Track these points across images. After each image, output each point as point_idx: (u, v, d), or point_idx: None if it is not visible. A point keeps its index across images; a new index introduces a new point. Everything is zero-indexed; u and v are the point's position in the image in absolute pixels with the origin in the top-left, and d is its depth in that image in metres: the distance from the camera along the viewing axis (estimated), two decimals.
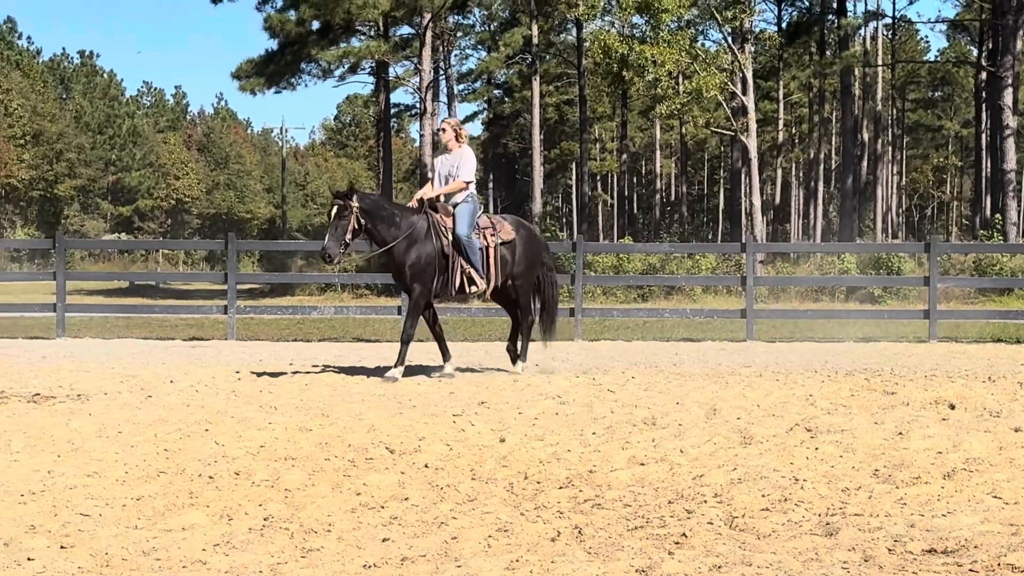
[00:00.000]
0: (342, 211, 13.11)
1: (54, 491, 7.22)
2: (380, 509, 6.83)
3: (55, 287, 20.94)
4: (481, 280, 13.47)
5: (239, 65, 51.00)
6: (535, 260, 14.27)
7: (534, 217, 55.65)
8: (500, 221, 14.02)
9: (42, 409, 10.68)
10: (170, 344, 19.45)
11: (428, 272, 13.22)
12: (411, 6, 45.86)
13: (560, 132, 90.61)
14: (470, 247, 13.31)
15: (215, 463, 8.11)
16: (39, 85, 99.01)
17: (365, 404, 11.07)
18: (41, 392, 11.92)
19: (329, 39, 49.53)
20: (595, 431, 9.49)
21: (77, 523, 6.42)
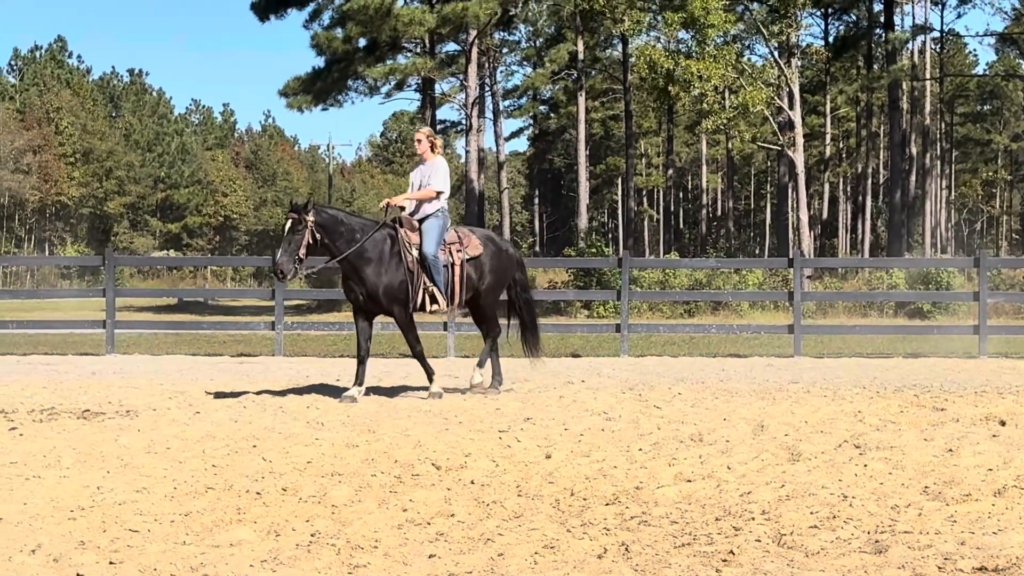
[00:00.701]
0: (296, 225, 12.61)
1: (103, 507, 7.26)
2: (426, 525, 6.83)
3: (105, 304, 21.07)
4: (443, 299, 13.11)
5: (286, 83, 51.32)
6: (503, 276, 13.92)
7: (580, 232, 55.61)
8: (468, 236, 13.59)
9: (92, 425, 10.76)
10: (218, 360, 19.54)
11: (403, 291, 12.91)
12: (457, 23, 45.98)
13: (606, 147, 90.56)
14: (435, 266, 12.93)
15: (262, 479, 8.14)
16: (89, 103, 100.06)
17: (411, 420, 11.09)
18: (91, 408, 12.02)
19: (376, 56, 49.73)
20: (641, 447, 9.46)
21: (126, 539, 6.45)
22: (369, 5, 44.20)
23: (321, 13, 51.37)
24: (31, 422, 10.92)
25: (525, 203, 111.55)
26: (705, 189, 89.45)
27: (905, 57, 60.57)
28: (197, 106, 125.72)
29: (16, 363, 18.48)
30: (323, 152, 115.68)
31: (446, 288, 13.11)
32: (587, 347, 22.24)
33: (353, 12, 45.15)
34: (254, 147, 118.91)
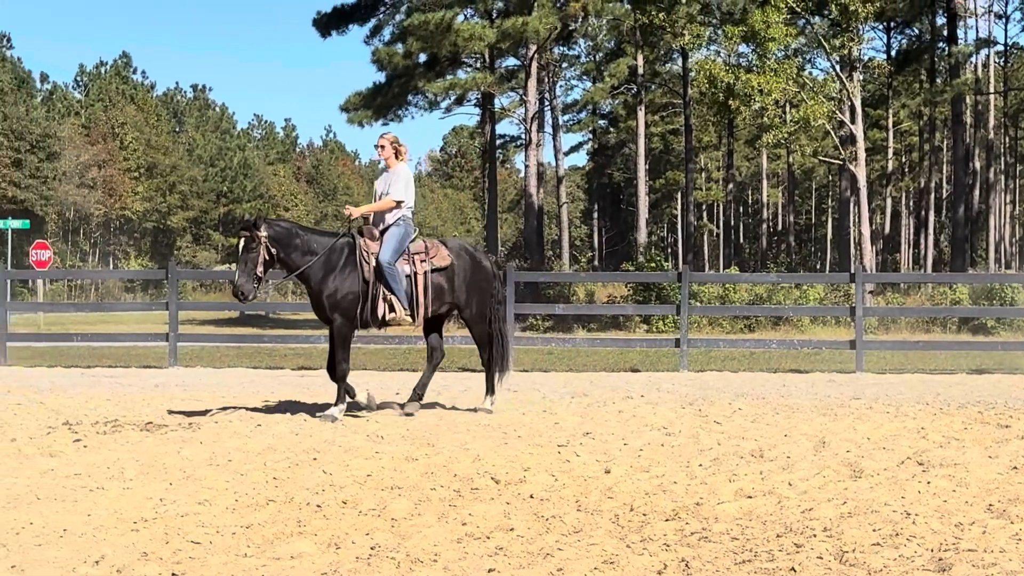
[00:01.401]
0: (249, 243, 12.21)
1: (166, 518, 7.32)
2: (486, 539, 6.83)
3: (168, 317, 21.22)
4: (401, 308, 12.53)
5: (347, 98, 51.55)
6: (483, 288, 13.29)
7: (639, 246, 55.49)
8: (437, 246, 13.06)
9: (154, 437, 10.85)
10: (279, 373, 19.65)
11: (348, 300, 12.40)
12: (517, 38, 46.03)
13: (665, 162, 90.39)
14: (391, 275, 12.42)
15: (323, 492, 8.17)
16: (153, 119, 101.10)
17: (470, 434, 11.10)
18: (153, 420, 12.12)
19: (436, 71, 49.87)
20: (701, 463, 9.42)
21: (188, 551, 6.50)
22: (430, 20, 44.37)
23: (382, 29, 51.65)
24: (95, 434, 11.03)
25: (584, 217, 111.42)
26: (765, 203, 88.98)
27: (968, 71, 60.01)
28: (259, 121, 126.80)
29: (80, 375, 18.68)
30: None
31: (410, 298, 12.63)
32: (646, 361, 22.17)
33: (414, 27, 45.33)
34: (315, 162, 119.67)
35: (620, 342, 25.37)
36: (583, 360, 22.67)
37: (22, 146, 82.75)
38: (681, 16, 51.36)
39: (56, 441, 10.49)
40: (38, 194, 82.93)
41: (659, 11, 51.02)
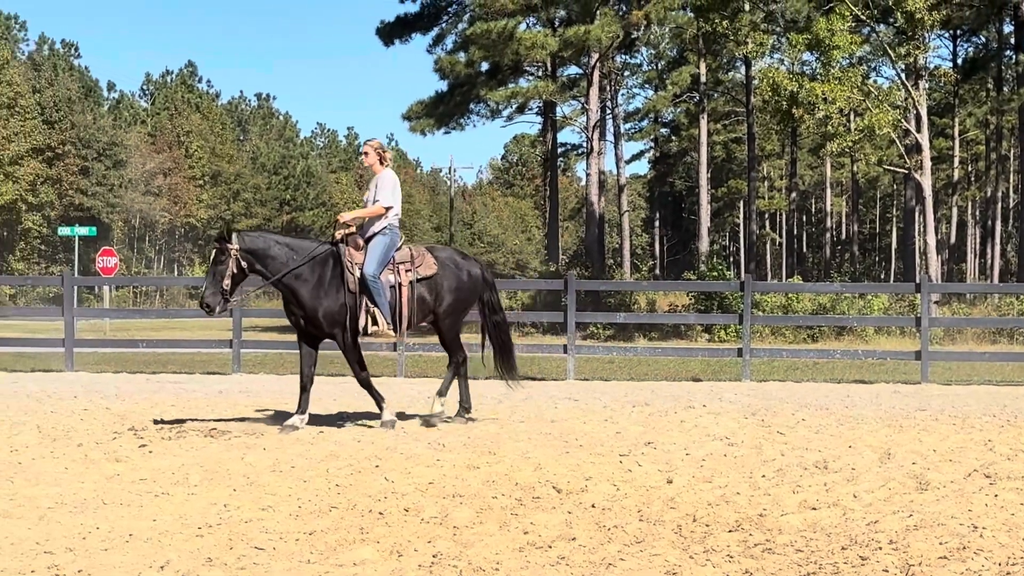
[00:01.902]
0: (219, 255, 11.99)
1: (230, 524, 7.37)
2: (548, 549, 6.81)
3: (231, 324, 21.37)
4: (384, 321, 12.21)
5: (410, 107, 51.82)
6: (465, 298, 12.96)
7: (701, 255, 55.25)
8: (423, 255, 12.65)
9: (218, 443, 10.93)
10: (341, 380, 19.71)
11: (343, 314, 12.11)
12: (579, 46, 46.04)
13: (728, 170, 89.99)
14: (374, 287, 12.10)
15: (385, 499, 8.19)
16: (218, 127, 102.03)
17: (531, 442, 11.09)
18: (217, 427, 12.20)
19: (498, 80, 50.00)
20: (765, 474, 9.35)
21: (252, 556, 6.53)
22: (492, 29, 44.46)
23: (444, 37, 51.85)
24: (160, 439, 11.13)
25: (645, 226, 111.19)
26: (829, 212, 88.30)
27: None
28: (322, 129, 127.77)
29: (146, 381, 18.86)
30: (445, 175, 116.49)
31: (393, 310, 12.33)
32: (708, 371, 22.06)
33: (476, 36, 45.46)
34: None
35: (681, 351, 25.24)
36: (644, 369, 22.59)
37: (89, 154, 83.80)
38: (744, 24, 51.10)
39: (122, 446, 10.59)
40: (104, 201, 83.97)
41: (722, 19, 50.75)
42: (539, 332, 40.41)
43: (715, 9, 49.42)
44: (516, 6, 45.39)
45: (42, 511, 7.66)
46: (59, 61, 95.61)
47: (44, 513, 7.60)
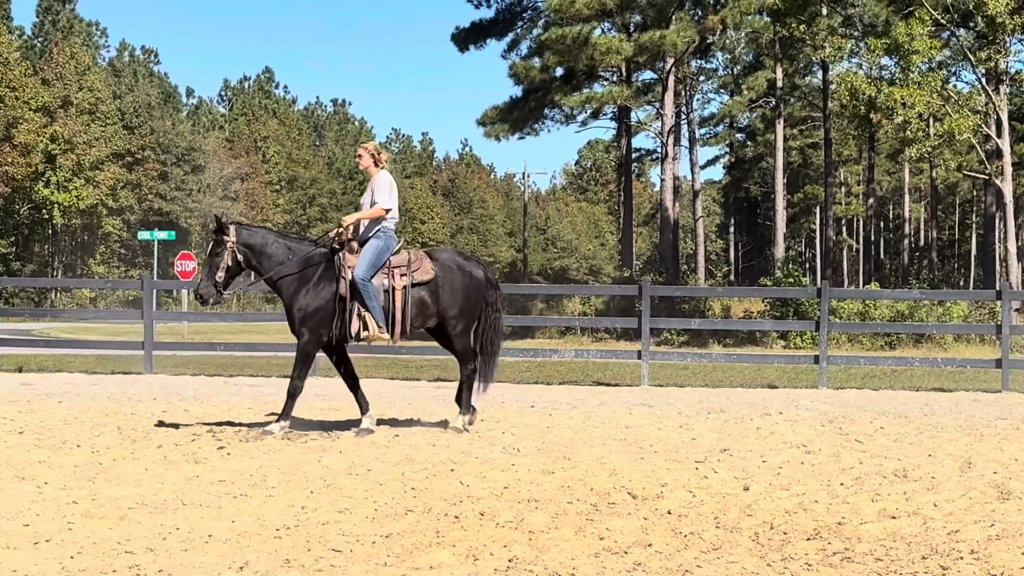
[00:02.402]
0: (216, 247, 11.88)
1: (307, 526, 7.41)
2: (623, 554, 6.79)
3: None
4: (375, 326, 11.91)
5: (484, 112, 51.98)
6: (471, 302, 12.52)
7: (776, 261, 54.87)
8: (421, 259, 12.30)
9: (295, 446, 11.01)
10: (415, 384, 19.81)
11: (319, 317, 11.85)
12: (654, 51, 45.93)
13: (804, 176, 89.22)
14: (365, 290, 11.80)
15: (460, 503, 8.20)
16: (294, 132, 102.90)
17: (606, 448, 11.06)
18: (294, 429, 12.28)
19: (572, 85, 50.00)
20: (843, 482, 9.26)
21: (329, 559, 6.57)
22: (567, 34, 44.48)
23: (519, 43, 51.95)
24: (238, 442, 11.23)
25: (720, 231, 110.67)
26: (907, 218, 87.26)
27: None
28: (397, 135, 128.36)
29: (223, 384, 19.04)
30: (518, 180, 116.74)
31: (387, 314, 12.03)
32: (784, 378, 21.89)
33: (551, 42, 45.50)
34: (451, 175, 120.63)
35: (757, 358, 25.05)
36: (719, 375, 22.46)
37: (168, 159, 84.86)
38: (822, 28, 50.71)
39: (201, 448, 10.70)
40: (183, 206, 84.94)
41: (799, 24, 50.41)
42: (612, 338, 40.34)
43: (792, 13, 49.11)
44: (591, 11, 45.35)
45: (123, 511, 7.76)
46: (139, 67, 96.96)
47: (125, 513, 7.70)
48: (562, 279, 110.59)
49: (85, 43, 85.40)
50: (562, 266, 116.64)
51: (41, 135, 70.93)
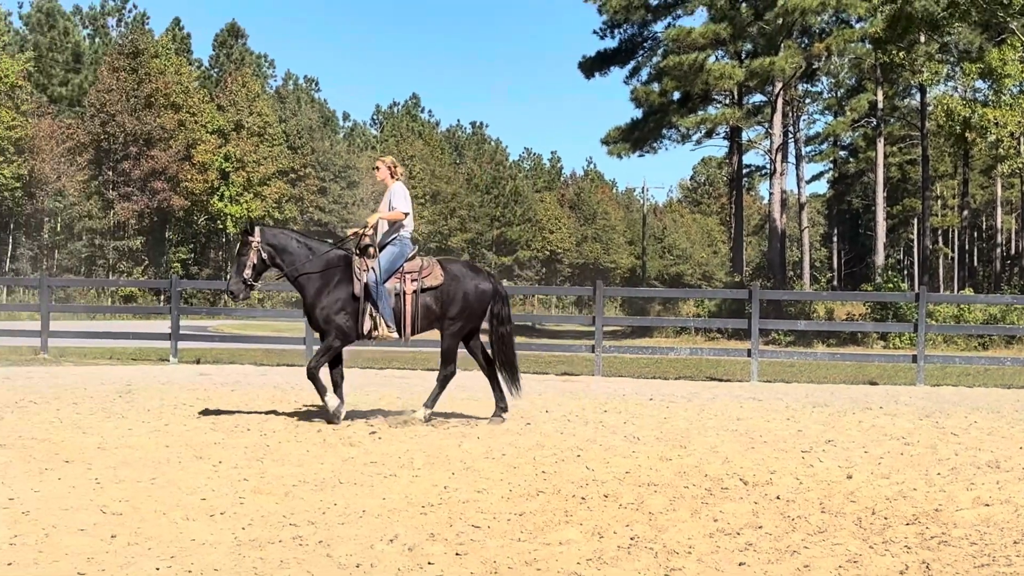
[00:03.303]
0: (243, 247, 11.76)
1: (449, 504, 7.46)
2: (736, 535, 6.71)
3: None
4: (385, 327, 11.73)
5: (607, 132, 51.88)
6: (472, 308, 12.17)
7: (877, 268, 53.84)
8: (432, 266, 12.08)
9: (438, 432, 11.09)
10: (544, 378, 19.82)
11: (341, 317, 11.68)
12: (764, 76, 45.40)
13: (902, 190, 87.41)
14: (376, 292, 11.67)
15: (586, 486, 8.19)
16: (437, 152, 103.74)
17: (719, 438, 10.96)
18: (436, 417, 12.37)
19: (688, 107, 49.69)
20: (940, 472, 9.05)
21: (469, 534, 6.60)
22: (684, 62, 44.22)
23: (640, 70, 51.79)
24: (387, 427, 11.34)
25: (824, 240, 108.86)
26: (999, 229, 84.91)
27: None
28: (529, 154, 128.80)
29: (375, 375, 19.27)
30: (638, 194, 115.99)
31: (397, 316, 11.83)
32: (884, 375, 21.47)
33: (669, 68, 45.28)
34: (577, 189, 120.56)
35: (858, 356, 24.58)
36: (823, 372, 22.11)
37: (327, 176, 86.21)
38: (920, 55, 49.70)
39: (355, 433, 10.83)
40: (339, 217, 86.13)
41: (899, 50, 49.49)
42: (724, 337, 39.95)
43: (892, 41, 48.22)
44: (706, 40, 45.05)
45: (288, 488, 7.89)
46: (302, 94, 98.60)
47: (289, 490, 7.82)
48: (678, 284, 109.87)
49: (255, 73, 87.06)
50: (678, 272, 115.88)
51: (216, 155, 72.55)
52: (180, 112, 70.62)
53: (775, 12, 43.72)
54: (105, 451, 9.42)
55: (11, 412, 12.08)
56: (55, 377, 17.25)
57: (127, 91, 67.73)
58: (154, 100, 68.80)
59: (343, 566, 5.80)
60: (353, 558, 5.96)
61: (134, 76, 68.61)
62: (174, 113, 69.80)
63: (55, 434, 10.37)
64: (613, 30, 51.46)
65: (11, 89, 61.94)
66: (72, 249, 68.70)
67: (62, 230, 68.98)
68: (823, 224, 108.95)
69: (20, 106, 62.84)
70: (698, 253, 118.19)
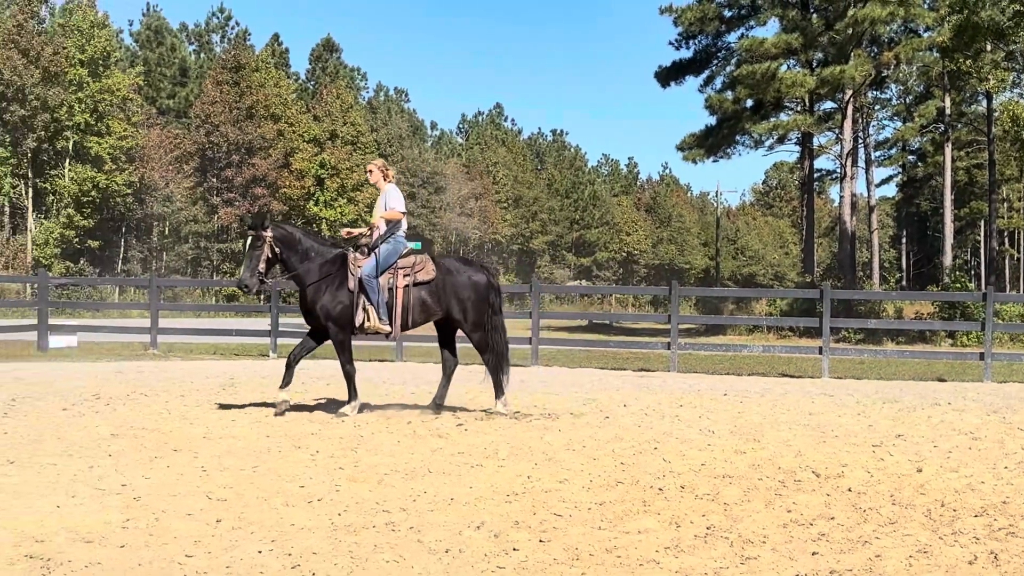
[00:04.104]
0: (255, 241, 11.47)
1: (532, 493, 7.46)
2: (809, 526, 6.64)
3: (530, 324, 21.68)
4: (377, 320, 11.61)
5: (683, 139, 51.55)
6: (472, 300, 12.03)
7: (944, 269, 52.88)
8: (425, 261, 11.98)
9: (521, 424, 11.10)
10: (622, 374, 19.75)
11: (340, 311, 11.58)
12: (834, 84, 44.76)
13: (969, 193, 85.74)
14: (370, 287, 11.57)
15: (663, 477, 8.15)
16: (520, 158, 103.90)
17: (792, 432, 10.84)
18: (520, 411, 12.38)
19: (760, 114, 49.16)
20: (1007, 465, 8.87)
21: (552, 522, 6.60)
22: (756, 71, 43.80)
23: (714, 79, 51.36)
24: (473, 420, 11.38)
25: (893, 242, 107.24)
26: None
27: None
28: (606, 160, 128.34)
29: (460, 371, 19.27)
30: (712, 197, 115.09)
31: (389, 310, 11.71)
32: (951, 372, 21.07)
33: (742, 77, 44.89)
34: (653, 194, 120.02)
35: (927, 354, 24.13)
36: (892, 369, 21.76)
37: (415, 182, 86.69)
38: (986, 63, 48.69)
39: (443, 425, 10.88)
40: (427, 221, 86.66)
41: (966, 59, 48.52)
42: (795, 335, 39.48)
43: (959, 50, 47.31)
44: (778, 50, 44.56)
45: (380, 476, 7.94)
46: (392, 105, 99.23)
47: (382, 478, 7.88)
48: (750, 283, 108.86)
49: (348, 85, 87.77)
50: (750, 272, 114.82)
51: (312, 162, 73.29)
52: (279, 122, 71.51)
53: (845, 22, 43.10)
54: (210, 440, 9.57)
55: (123, 404, 12.32)
56: (163, 371, 17.56)
57: (230, 103, 68.75)
58: (255, 111, 69.77)
59: (433, 551, 5.83)
60: (442, 543, 5.99)
61: (236, 89, 69.64)
62: (273, 123, 70.71)
63: (164, 424, 10.56)
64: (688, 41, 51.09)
65: (123, 102, 63.14)
66: (179, 251, 69.89)
67: (170, 233, 70.16)
68: (892, 226, 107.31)
69: (131, 118, 64.04)
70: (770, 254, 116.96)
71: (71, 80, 60.08)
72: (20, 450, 8.84)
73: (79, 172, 60.72)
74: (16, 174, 60.60)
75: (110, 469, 8.01)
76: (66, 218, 59.95)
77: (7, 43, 57.63)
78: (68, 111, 59.60)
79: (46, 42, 58.79)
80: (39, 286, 22.39)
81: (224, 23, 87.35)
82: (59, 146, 60.92)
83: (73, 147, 61.24)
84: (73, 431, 10.00)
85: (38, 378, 15.79)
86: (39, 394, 13.32)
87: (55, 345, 22.61)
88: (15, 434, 9.75)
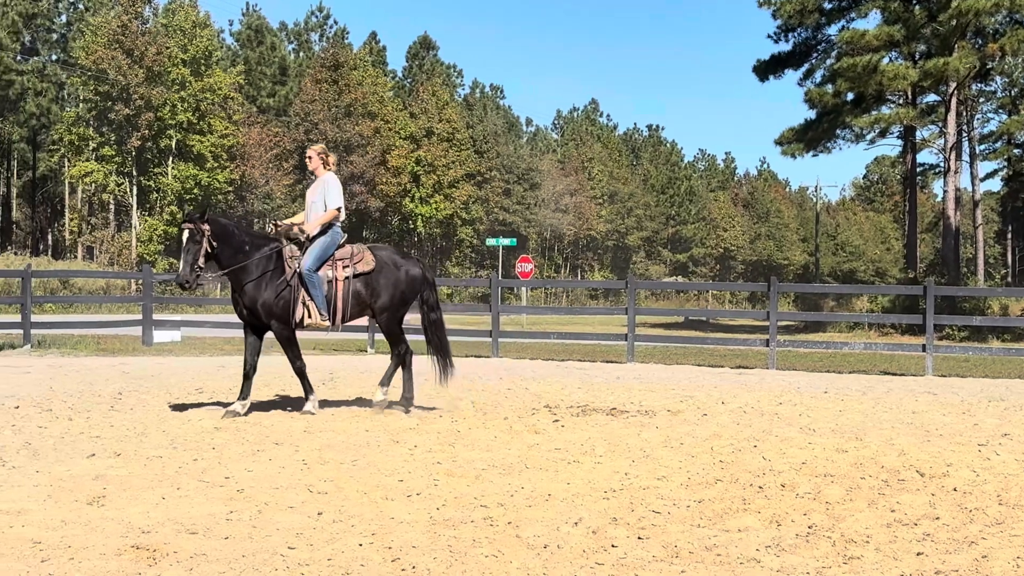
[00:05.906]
0: (193, 235, 10.82)
1: (630, 490, 7.44)
2: (913, 526, 6.51)
3: (626, 320, 21.61)
4: (318, 314, 11.21)
5: (781, 133, 50.88)
6: (401, 294, 11.72)
7: None
8: (362, 253, 11.58)
9: (618, 421, 11.07)
10: (719, 371, 19.59)
11: (280, 306, 11.08)
12: (938, 77, 43.84)
13: None
14: (310, 281, 11.14)
15: (763, 475, 8.06)
16: (615, 154, 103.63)
17: (894, 430, 10.65)
18: (616, 407, 12.36)
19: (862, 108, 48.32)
20: None
21: (650, 519, 6.57)
22: (857, 63, 43.08)
23: (814, 72, 50.64)
24: (569, 416, 11.38)
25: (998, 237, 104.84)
26: None
27: None
28: (703, 155, 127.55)
29: (555, 367, 19.34)
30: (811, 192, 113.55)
31: (329, 303, 11.34)
32: None
33: (843, 70, 44.18)
34: (750, 189, 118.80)
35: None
36: (998, 368, 21.25)
37: (511, 178, 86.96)
38: None
39: (539, 420, 10.90)
40: (522, 217, 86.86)
41: None
42: (898, 332, 38.78)
43: None
44: (880, 42, 43.78)
45: (478, 472, 7.98)
46: (487, 102, 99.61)
47: (479, 474, 7.92)
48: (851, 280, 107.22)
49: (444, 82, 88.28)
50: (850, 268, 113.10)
51: (409, 159, 73.96)
52: (376, 120, 72.23)
53: (949, 14, 42.18)
54: (311, 434, 9.70)
55: (225, 398, 12.55)
56: (265, 366, 17.83)
57: (328, 101, 69.66)
58: (353, 109, 70.59)
59: (531, 546, 5.85)
60: (540, 539, 5.99)
61: (335, 87, 70.53)
62: (370, 121, 71.45)
63: (266, 418, 10.74)
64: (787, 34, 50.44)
65: (224, 101, 64.37)
66: None
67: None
68: (997, 221, 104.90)
69: (232, 116, 65.28)
70: (871, 250, 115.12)
71: (174, 79, 61.41)
72: (126, 443, 9.06)
73: (182, 170, 62.08)
74: (121, 172, 62.13)
75: (214, 462, 8.17)
76: (169, 215, 61.30)
77: (112, 43, 59.10)
78: (171, 110, 60.93)
79: (150, 42, 60.13)
80: (144, 282, 22.91)
81: (323, 22, 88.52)
82: (162, 144, 62.30)
83: (176, 145, 62.61)
84: (177, 424, 10.23)
85: (143, 372, 16.18)
86: (145, 388, 13.64)
87: (159, 340, 23.14)
88: (121, 427, 10.00)
